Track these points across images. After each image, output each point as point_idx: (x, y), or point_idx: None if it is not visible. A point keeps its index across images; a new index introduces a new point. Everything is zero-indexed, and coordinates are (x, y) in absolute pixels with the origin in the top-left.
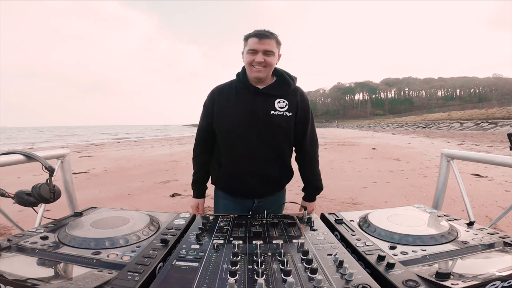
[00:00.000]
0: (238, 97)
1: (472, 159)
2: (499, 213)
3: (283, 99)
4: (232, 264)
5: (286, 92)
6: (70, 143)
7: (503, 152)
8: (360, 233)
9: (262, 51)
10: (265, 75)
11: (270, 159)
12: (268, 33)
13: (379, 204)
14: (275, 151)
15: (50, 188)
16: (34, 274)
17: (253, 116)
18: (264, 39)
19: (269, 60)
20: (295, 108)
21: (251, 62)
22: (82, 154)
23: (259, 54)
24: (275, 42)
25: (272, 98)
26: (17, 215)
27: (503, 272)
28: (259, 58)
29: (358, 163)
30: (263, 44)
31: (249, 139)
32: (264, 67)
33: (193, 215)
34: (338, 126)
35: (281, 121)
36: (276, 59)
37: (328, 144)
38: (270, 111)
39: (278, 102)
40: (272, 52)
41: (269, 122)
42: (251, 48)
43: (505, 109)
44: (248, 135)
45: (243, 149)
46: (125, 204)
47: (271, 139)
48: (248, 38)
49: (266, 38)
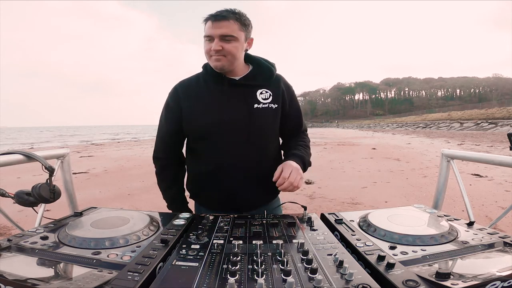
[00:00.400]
0: (211, 92)
1: (472, 159)
2: (499, 213)
3: (266, 89)
4: (232, 264)
5: (268, 81)
6: (70, 143)
7: (503, 152)
8: (360, 233)
9: (218, 36)
10: (226, 64)
11: (259, 163)
12: (225, 12)
13: (379, 204)
14: (264, 152)
15: (50, 188)
16: (34, 274)
17: (233, 113)
18: (220, 22)
19: (229, 47)
20: (281, 98)
21: (208, 51)
22: (82, 154)
23: (215, 40)
24: (237, 24)
25: (253, 89)
26: (17, 215)
27: (503, 272)
28: (215, 45)
29: (358, 163)
30: (219, 27)
31: (231, 141)
32: (224, 56)
33: (193, 215)
34: (338, 126)
35: (267, 115)
36: (240, 45)
37: (328, 144)
38: (253, 105)
39: (261, 93)
40: (232, 36)
41: (254, 117)
42: (206, 34)
43: (505, 109)
44: (230, 136)
45: (225, 154)
46: (125, 204)
47: (257, 139)
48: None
49: (223, 20)
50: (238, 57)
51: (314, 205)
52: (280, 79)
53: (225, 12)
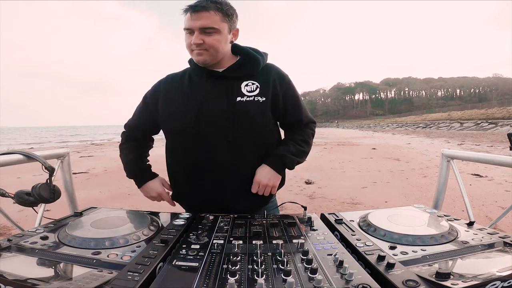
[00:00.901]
0: (192, 86)
1: (472, 159)
2: (499, 213)
3: (252, 81)
4: (232, 264)
5: (255, 72)
6: (72, 143)
7: (503, 152)
8: (360, 233)
9: (198, 29)
10: (208, 58)
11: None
12: (204, 2)
13: (379, 204)
14: (249, 150)
15: (50, 188)
16: (34, 274)
17: (214, 107)
18: (199, 13)
19: (210, 40)
20: (271, 90)
21: (189, 45)
22: (82, 154)
23: (195, 33)
24: (218, 14)
25: (236, 81)
26: (17, 215)
27: (503, 272)
28: (195, 39)
29: (358, 163)
30: (198, 19)
31: (212, 139)
32: (205, 49)
33: (193, 215)
34: (338, 126)
35: (252, 108)
36: (223, 37)
37: (328, 144)
38: (236, 98)
39: (246, 85)
40: (213, 29)
41: (236, 112)
42: (185, 27)
43: (505, 109)
44: (211, 133)
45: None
46: (125, 204)
47: (241, 136)
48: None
49: (203, 10)
50: (221, 50)
51: (314, 205)
52: (271, 69)
53: (205, 2)
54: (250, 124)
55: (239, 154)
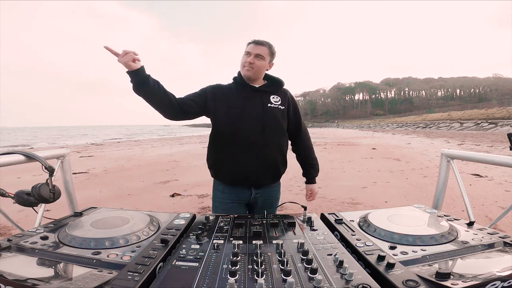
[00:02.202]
0: (239, 94)
1: (472, 159)
2: (499, 213)
3: (276, 95)
4: (232, 264)
5: (278, 90)
6: (71, 143)
7: (503, 152)
8: (360, 233)
9: (254, 54)
10: (252, 74)
11: (269, 147)
12: (263, 41)
13: (379, 204)
14: (274, 139)
15: (50, 188)
16: (34, 274)
17: (253, 109)
18: (258, 46)
19: (258, 62)
20: (287, 103)
21: (244, 62)
22: (82, 154)
23: (251, 56)
24: (267, 49)
25: (267, 94)
26: (17, 215)
27: (503, 272)
28: (250, 59)
29: (358, 163)
30: (256, 49)
31: (250, 130)
32: (252, 68)
33: (193, 215)
34: (338, 126)
35: (277, 112)
36: (265, 63)
37: (328, 144)
38: (267, 104)
39: (273, 97)
40: (262, 56)
41: (267, 113)
42: (247, 51)
43: (505, 109)
44: (249, 126)
45: (245, 139)
46: (125, 204)
47: (269, 129)
48: (248, 44)
49: (260, 45)
50: (261, 71)
51: (314, 205)
52: (287, 91)
53: (264, 41)
54: (276, 121)
55: (267, 142)
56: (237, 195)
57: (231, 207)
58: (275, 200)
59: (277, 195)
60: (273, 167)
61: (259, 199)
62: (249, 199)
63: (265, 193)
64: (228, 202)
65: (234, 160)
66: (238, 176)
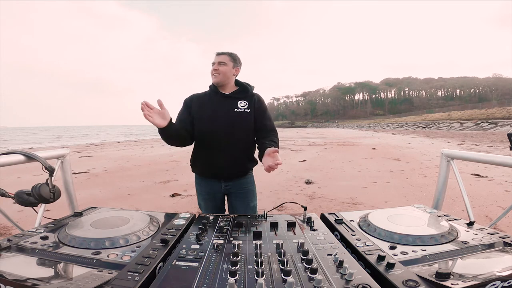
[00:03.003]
0: (211, 101)
1: (472, 159)
2: (499, 213)
3: (244, 100)
4: (232, 264)
5: (245, 96)
6: (71, 143)
7: (503, 152)
8: (360, 233)
9: (217, 62)
10: (220, 80)
11: (236, 146)
12: (224, 51)
13: (379, 204)
14: (240, 139)
15: (50, 188)
16: (34, 274)
17: (223, 113)
18: (219, 55)
19: (221, 68)
20: (253, 107)
21: (211, 71)
22: (82, 154)
23: (215, 64)
24: (228, 56)
25: (235, 100)
26: (17, 215)
27: (503, 272)
28: (215, 66)
29: (358, 163)
30: (218, 58)
31: (219, 130)
32: (219, 73)
33: (193, 215)
34: (338, 126)
35: (243, 115)
36: (229, 68)
37: (328, 144)
38: (234, 109)
39: (240, 103)
40: (224, 62)
41: (234, 116)
42: (212, 62)
43: (505, 109)
44: (218, 127)
45: (214, 139)
46: (125, 204)
47: (236, 130)
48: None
49: (221, 54)
50: (226, 76)
51: (314, 205)
52: (254, 95)
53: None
54: (242, 123)
55: (234, 141)
56: (210, 187)
57: (207, 198)
58: (249, 192)
59: (249, 186)
60: (240, 163)
61: (231, 190)
62: (222, 190)
63: (236, 185)
64: (204, 193)
65: (206, 156)
66: (208, 170)
